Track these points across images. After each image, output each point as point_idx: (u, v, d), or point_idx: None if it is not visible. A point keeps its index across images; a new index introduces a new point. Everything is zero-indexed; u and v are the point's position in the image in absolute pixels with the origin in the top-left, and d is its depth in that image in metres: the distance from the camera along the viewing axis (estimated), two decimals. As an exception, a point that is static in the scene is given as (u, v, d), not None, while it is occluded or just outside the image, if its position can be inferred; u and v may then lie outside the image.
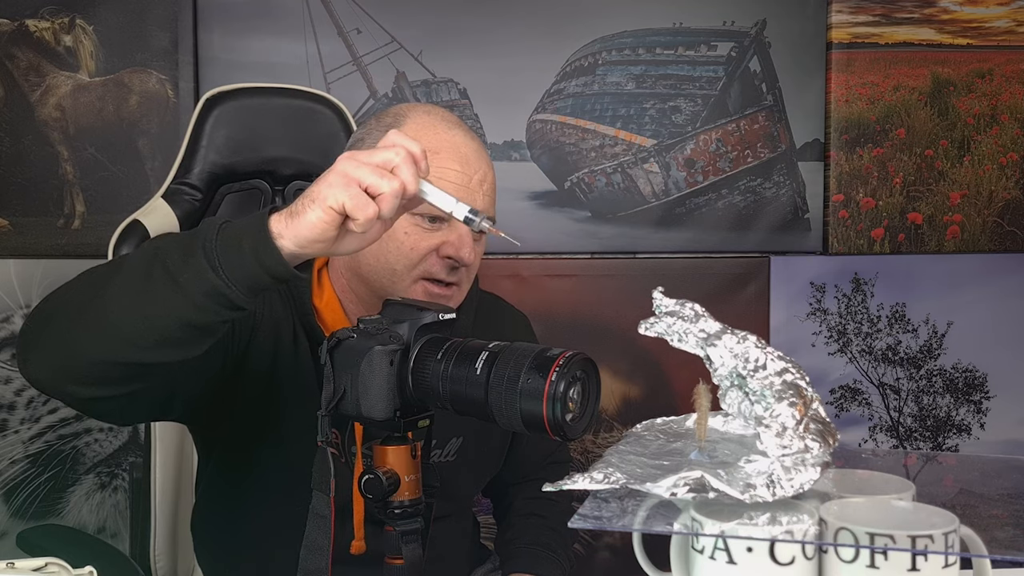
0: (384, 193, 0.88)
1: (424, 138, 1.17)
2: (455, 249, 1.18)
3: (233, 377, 1.20)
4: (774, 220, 2.15)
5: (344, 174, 0.88)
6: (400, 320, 0.98)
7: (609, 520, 0.78)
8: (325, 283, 1.28)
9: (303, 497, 1.11)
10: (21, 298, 1.95)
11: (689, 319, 0.86)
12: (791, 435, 0.79)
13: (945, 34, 2.17)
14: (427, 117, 1.23)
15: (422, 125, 1.21)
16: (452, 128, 1.23)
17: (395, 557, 0.98)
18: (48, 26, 1.94)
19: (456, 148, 1.20)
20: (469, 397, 0.92)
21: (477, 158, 1.21)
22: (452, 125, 1.23)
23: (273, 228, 0.89)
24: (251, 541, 1.27)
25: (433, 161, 1.15)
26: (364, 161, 0.89)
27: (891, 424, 2.21)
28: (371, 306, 1.22)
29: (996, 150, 2.19)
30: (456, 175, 1.18)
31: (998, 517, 0.82)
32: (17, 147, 1.94)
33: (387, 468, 0.96)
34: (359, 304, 1.25)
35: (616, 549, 2.13)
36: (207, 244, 0.90)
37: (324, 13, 2.01)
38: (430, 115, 1.24)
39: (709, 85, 2.10)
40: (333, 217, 0.87)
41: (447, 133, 1.21)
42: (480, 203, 1.19)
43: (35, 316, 1.02)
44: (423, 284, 1.20)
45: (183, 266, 0.90)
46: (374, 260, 1.21)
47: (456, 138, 1.21)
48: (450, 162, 1.19)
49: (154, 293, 0.92)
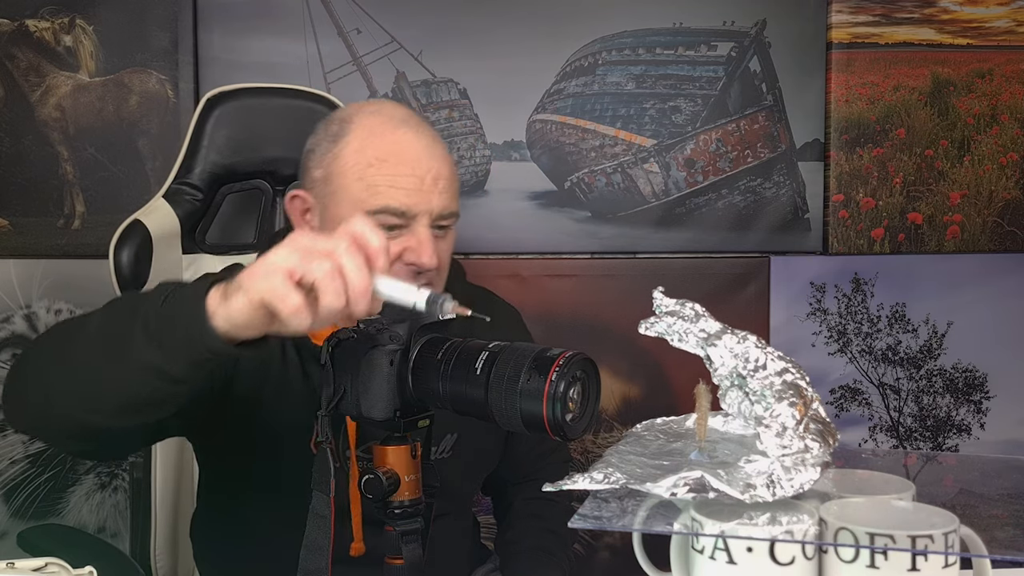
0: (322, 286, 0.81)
1: (370, 147, 1.16)
2: (416, 255, 1.16)
3: (223, 394, 1.20)
4: (774, 220, 2.15)
5: (271, 264, 0.82)
6: (400, 320, 0.98)
7: (609, 520, 0.78)
8: None
9: (301, 503, 1.11)
10: (21, 298, 1.95)
11: (689, 319, 0.86)
12: (791, 435, 0.79)
13: (945, 34, 2.17)
14: (372, 120, 1.19)
15: (368, 131, 1.18)
16: (398, 128, 1.19)
17: (395, 557, 0.98)
18: (48, 26, 1.94)
19: (404, 151, 1.17)
20: (469, 397, 0.92)
21: (428, 155, 1.18)
22: (398, 124, 1.19)
23: (210, 306, 0.85)
24: (251, 548, 1.27)
25: (382, 169, 1.15)
26: (301, 248, 0.82)
27: (891, 424, 2.21)
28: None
29: (996, 150, 2.19)
30: (407, 180, 1.15)
31: (998, 517, 0.82)
32: (17, 147, 1.94)
33: (387, 468, 0.96)
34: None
35: (616, 549, 2.13)
36: (148, 321, 0.88)
37: (324, 13, 2.01)
38: (376, 116, 1.20)
39: (709, 85, 2.10)
40: (257, 306, 0.82)
41: (393, 135, 1.18)
42: (437, 202, 1.17)
43: (12, 371, 1.02)
44: None
45: (128, 343, 0.88)
46: None
47: (403, 139, 1.18)
48: (399, 167, 1.16)
49: (105, 369, 0.91)
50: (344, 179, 1.17)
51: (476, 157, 2.07)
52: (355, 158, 1.17)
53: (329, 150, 1.19)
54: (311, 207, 1.22)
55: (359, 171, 1.16)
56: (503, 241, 2.08)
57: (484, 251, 2.07)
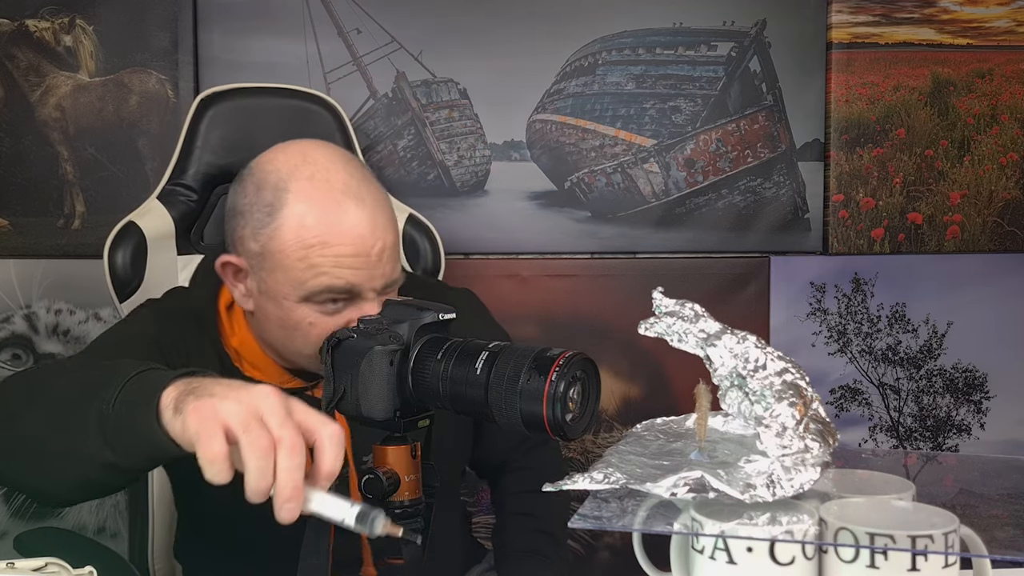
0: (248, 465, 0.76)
1: (311, 226, 1.07)
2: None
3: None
4: (774, 220, 2.15)
5: (216, 408, 0.78)
6: (400, 320, 0.98)
7: (609, 520, 0.78)
8: (237, 322, 1.21)
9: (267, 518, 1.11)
10: (21, 298, 1.95)
11: (689, 319, 0.86)
12: (791, 435, 0.79)
13: (945, 34, 2.17)
14: (311, 191, 1.09)
15: (307, 206, 1.08)
16: (341, 201, 1.08)
17: (395, 557, 0.98)
18: (48, 26, 1.94)
19: (348, 229, 1.08)
20: (469, 397, 0.92)
21: (372, 228, 1.09)
22: (340, 196, 1.09)
23: (163, 414, 0.82)
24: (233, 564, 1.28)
25: (324, 251, 1.07)
26: (253, 413, 0.78)
27: (891, 424, 2.21)
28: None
29: (996, 150, 2.19)
30: (353, 261, 1.08)
31: (998, 517, 0.82)
32: (17, 147, 1.94)
33: (387, 468, 0.96)
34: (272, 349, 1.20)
35: (616, 549, 2.13)
36: (102, 421, 0.87)
37: (324, 13, 2.01)
38: (313, 185, 1.09)
39: (709, 85, 2.10)
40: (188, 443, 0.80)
41: (336, 211, 1.08)
42: (380, 274, 1.10)
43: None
44: None
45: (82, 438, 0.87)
46: (279, 342, 1.16)
47: (347, 215, 1.08)
48: (343, 247, 1.08)
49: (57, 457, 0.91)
50: (284, 258, 1.09)
51: (476, 157, 2.07)
52: (295, 237, 1.08)
53: (265, 223, 1.10)
54: (245, 272, 1.15)
55: (300, 252, 1.08)
56: (503, 241, 2.08)
57: (484, 251, 2.07)
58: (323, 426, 0.80)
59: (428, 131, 2.05)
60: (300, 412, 0.80)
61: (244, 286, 1.16)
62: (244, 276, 1.16)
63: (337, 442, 0.79)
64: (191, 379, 0.85)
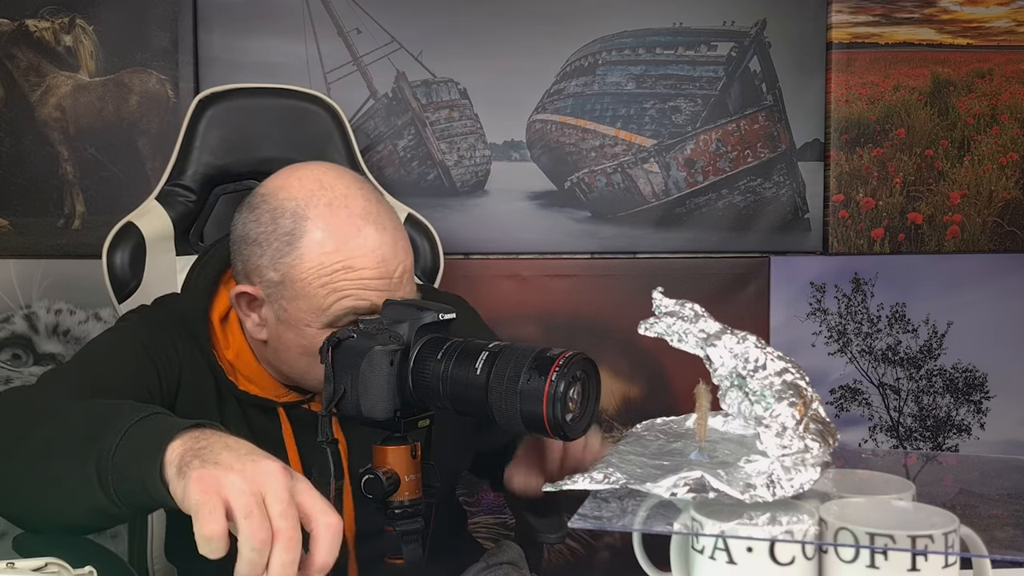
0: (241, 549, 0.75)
1: (333, 252, 1.08)
2: None
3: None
4: (774, 220, 2.15)
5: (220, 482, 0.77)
6: (400, 320, 0.98)
7: (609, 520, 0.78)
8: (232, 333, 1.20)
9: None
10: (21, 298, 1.95)
11: (689, 319, 0.86)
12: (791, 435, 0.79)
13: (945, 34, 2.17)
14: (332, 218, 1.09)
15: (328, 233, 1.09)
16: (363, 227, 1.09)
17: (395, 557, 0.98)
18: (48, 26, 1.94)
19: (370, 254, 1.09)
20: (469, 397, 0.92)
21: (394, 251, 1.11)
22: (361, 222, 1.10)
23: (167, 472, 0.81)
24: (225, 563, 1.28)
25: (348, 276, 1.08)
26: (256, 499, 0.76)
27: (891, 424, 2.21)
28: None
29: (996, 150, 2.19)
30: (377, 283, 1.09)
31: (998, 517, 0.82)
32: (17, 147, 1.94)
33: (387, 468, 0.97)
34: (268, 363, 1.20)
35: (616, 549, 2.13)
36: (103, 467, 0.86)
37: (324, 13, 2.01)
38: (334, 212, 1.09)
39: (709, 85, 2.10)
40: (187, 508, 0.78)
41: (358, 237, 1.09)
42: (402, 291, 1.11)
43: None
44: None
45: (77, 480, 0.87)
46: (301, 373, 1.16)
47: (368, 241, 1.09)
48: (367, 271, 1.09)
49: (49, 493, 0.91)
50: (306, 286, 1.09)
51: (476, 157, 2.07)
52: (317, 263, 1.08)
53: (285, 252, 1.10)
54: (261, 301, 1.14)
55: (323, 279, 1.08)
56: (503, 241, 2.08)
57: (484, 251, 2.07)
58: (323, 515, 0.78)
59: (428, 131, 2.05)
60: (303, 495, 0.78)
61: (259, 315, 1.15)
62: (259, 305, 1.15)
63: (334, 534, 0.78)
64: (199, 434, 0.83)
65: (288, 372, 1.17)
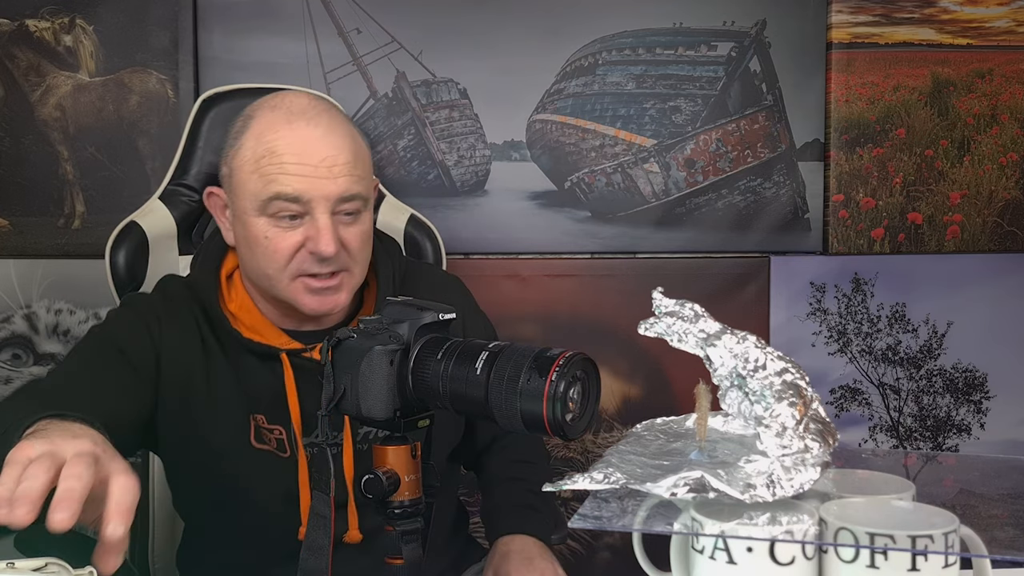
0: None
1: (264, 141, 1.19)
2: (315, 244, 1.17)
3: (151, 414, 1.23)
4: (774, 220, 2.15)
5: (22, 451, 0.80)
6: (400, 320, 0.98)
7: (609, 520, 0.78)
8: (236, 284, 1.29)
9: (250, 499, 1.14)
10: (21, 298, 1.95)
11: (689, 319, 0.86)
12: (791, 435, 0.79)
13: (945, 34, 2.17)
14: (269, 115, 1.21)
15: (264, 127, 1.20)
16: (293, 121, 1.19)
17: (395, 557, 0.98)
18: (48, 26, 1.94)
19: (292, 141, 1.18)
20: (469, 397, 0.92)
21: (320, 143, 1.18)
22: (294, 117, 1.20)
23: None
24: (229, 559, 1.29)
25: (272, 160, 1.17)
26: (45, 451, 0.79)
27: (891, 424, 2.21)
28: (274, 303, 1.26)
29: (996, 150, 2.19)
30: (295, 167, 1.17)
31: (998, 517, 0.82)
32: (17, 147, 1.94)
33: (387, 468, 0.96)
34: (265, 302, 1.27)
35: (616, 549, 2.13)
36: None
37: (324, 13, 2.01)
38: (273, 111, 1.21)
39: (709, 85, 2.10)
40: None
41: (287, 128, 1.19)
42: (332, 187, 1.17)
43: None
44: (301, 281, 1.20)
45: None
46: (251, 267, 1.24)
47: (295, 131, 1.18)
48: (288, 157, 1.17)
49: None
50: (242, 173, 1.20)
51: (476, 157, 2.07)
52: (251, 152, 1.20)
53: (232, 146, 1.23)
54: (226, 203, 1.26)
55: (253, 164, 1.19)
56: (503, 241, 2.08)
57: (484, 251, 2.07)
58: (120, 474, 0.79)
59: (428, 131, 2.05)
60: (109, 462, 0.80)
61: (227, 220, 1.27)
62: (225, 207, 1.26)
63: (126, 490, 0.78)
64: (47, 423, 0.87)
65: (257, 279, 1.24)
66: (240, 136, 1.22)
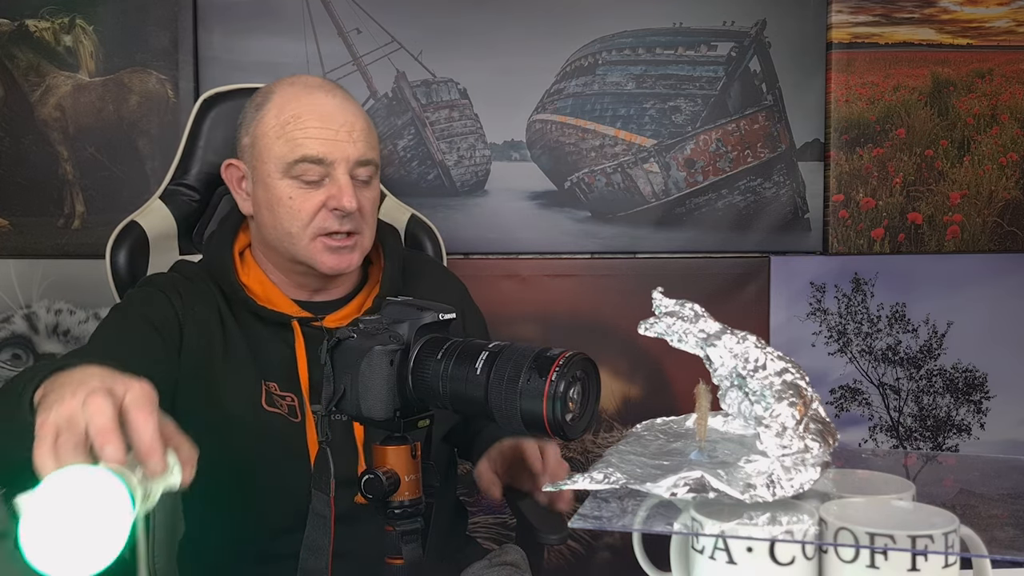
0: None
1: (287, 109, 1.29)
2: (337, 200, 1.27)
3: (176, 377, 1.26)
4: (774, 220, 2.15)
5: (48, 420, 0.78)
6: (400, 320, 0.98)
7: (609, 520, 0.78)
8: (249, 261, 1.38)
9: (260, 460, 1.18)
10: (21, 298, 1.95)
11: (689, 319, 0.86)
12: (791, 435, 0.79)
13: (945, 34, 2.17)
14: (289, 88, 1.32)
15: (285, 97, 1.31)
16: (313, 91, 1.31)
17: (395, 557, 0.98)
18: (48, 26, 1.94)
19: (314, 108, 1.29)
20: (469, 397, 0.92)
21: (339, 111, 1.30)
22: (313, 89, 1.32)
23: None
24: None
25: (298, 125, 1.28)
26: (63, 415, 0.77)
27: (891, 424, 2.21)
28: (288, 271, 1.34)
29: (996, 150, 2.19)
30: (321, 131, 1.27)
31: (998, 517, 0.82)
32: (17, 147, 1.94)
33: (387, 468, 0.96)
34: (279, 273, 1.36)
35: (616, 549, 2.13)
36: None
37: (324, 13, 2.01)
38: (293, 85, 1.33)
39: (709, 85, 2.10)
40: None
41: (308, 97, 1.30)
42: (352, 150, 1.28)
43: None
44: (321, 240, 1.29)
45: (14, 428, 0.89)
46: (271, 228, 1.31)
47: (315, 99, 1.30)
48: (311, 121, 1.28)
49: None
50: (267, 139, 1.30)
51: (476, 157, 2.07)
52: (275, 120, 1.29)
53: (254, 118, 1.32)
54: (244, 174, 1.35)
55: (278, 130, 1.29)
56: (503, 241, 2.08)
57: (484, 251, 2.07)
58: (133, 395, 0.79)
59: (428, 131, 2.05)
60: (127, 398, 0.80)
61: (244, 191, 1.35)
62: (243, 179, 1.35)
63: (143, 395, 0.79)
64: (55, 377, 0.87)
65: (277, 241, 1.31)
66: (262, 108, 1.31)
